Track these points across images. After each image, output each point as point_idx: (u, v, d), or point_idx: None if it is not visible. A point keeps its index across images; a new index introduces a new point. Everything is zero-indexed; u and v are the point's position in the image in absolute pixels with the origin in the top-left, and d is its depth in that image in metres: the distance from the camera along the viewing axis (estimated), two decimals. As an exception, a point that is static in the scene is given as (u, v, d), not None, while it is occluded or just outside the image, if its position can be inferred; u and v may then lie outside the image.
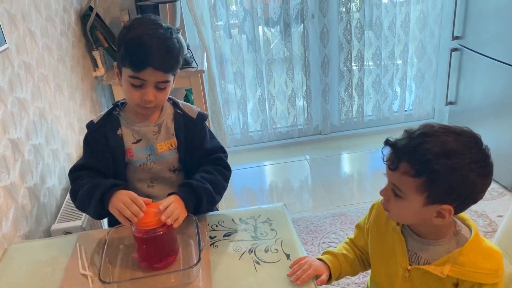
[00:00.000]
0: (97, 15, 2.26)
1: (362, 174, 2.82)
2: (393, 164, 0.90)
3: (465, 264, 0.91)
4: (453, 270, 0.92)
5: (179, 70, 1.21)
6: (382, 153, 0.94)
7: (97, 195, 1.09)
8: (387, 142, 0.93)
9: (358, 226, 1.17)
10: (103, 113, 1.25)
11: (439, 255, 0.95)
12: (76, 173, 1.21)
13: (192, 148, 1.25)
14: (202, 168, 1.23)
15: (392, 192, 0.93)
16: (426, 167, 0.85)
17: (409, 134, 0.90)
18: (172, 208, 1.05)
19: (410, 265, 0.98)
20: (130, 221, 1.02)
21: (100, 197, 1.09)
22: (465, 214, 0.98)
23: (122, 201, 1.04)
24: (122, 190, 1.08)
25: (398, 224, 1.02)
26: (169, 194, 1.12)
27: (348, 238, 1.20)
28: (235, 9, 2.74)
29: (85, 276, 1.05)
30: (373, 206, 1.11)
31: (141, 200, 1.04)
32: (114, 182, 1.14)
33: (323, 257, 1.11)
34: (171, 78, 1.16)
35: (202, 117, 1.27)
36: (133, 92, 1.13)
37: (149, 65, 1.08)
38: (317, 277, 1.03)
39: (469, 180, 0.85)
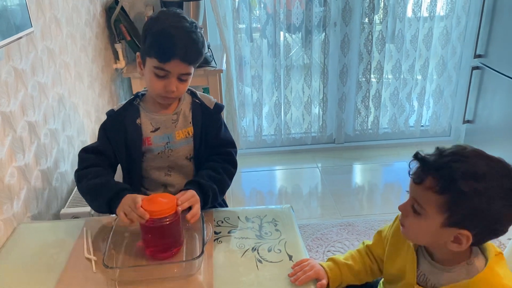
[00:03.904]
0: (122, 8, 2.30)
1: (373, 186, 2.80)
2: (419, 177, 0.88)
3: None
4: None
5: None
6: (409, 166, 0.92)
7: (104, 197, 1.11)
8: (416, 156, 0.91)
9: (379, 233, 1.14)
10: (124, 102, 1.27)
11: (447, 282, 0.91)
12: (86, 154, 1.24)
13: (207, 138, 1.27)
14: (210, 163, 1.25)
15: (411, 209, 0.91)
16: (451, 185, 0.83)
17: (440, 151, 0.88)
18: (190, 196, 1.09)
19: (418, 284, 0.96)
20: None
21: (108, 198, 1.10)
22: (489, 243, 0.92)
23: (128, 204, 1.04)
24: (128, 194, 1.08)
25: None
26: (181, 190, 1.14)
27: (364, 244, 1.17)
28: (258, 13, 2.76)
29: (89, 260, 1.06)
30: (397, 217, 1.07)
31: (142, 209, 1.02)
32: (122, 186, 1.15)
33: (324, 264, 1.10)
34: (192, 70, 1.20)
35: (218, 108, 1.30)
36: (157, 82, 1.17)
37: (175, 56, 1.12)
38: (318, 280, 1.03)
39: (494, 208, 0.82)
